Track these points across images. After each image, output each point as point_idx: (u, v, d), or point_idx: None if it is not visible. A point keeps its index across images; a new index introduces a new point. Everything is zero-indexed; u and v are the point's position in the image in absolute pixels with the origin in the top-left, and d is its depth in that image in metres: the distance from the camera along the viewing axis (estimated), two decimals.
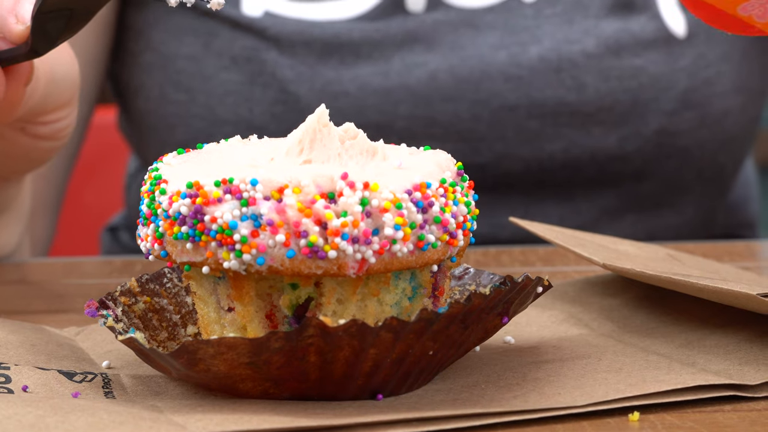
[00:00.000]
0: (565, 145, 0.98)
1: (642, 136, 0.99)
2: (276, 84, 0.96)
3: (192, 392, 0.57)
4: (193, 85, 0.98)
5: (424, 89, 0.97)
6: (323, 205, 0.53)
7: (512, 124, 0.97)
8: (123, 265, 0.85)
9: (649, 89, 0.99)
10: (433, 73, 0.96)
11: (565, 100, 0.97)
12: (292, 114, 0.96)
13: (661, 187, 1.03)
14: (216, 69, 0.98)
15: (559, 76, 0.97)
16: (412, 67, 0.97)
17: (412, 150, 0.59)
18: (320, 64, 0.96)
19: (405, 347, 0.54)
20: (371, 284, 0.55)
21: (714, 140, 1.02)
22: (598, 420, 0.54)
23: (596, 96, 0.98)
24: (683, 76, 0.99)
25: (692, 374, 0.57)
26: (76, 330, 0.66)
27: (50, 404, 0.53)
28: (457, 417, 0.53)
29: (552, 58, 0.97)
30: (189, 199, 0.54)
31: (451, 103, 0.97)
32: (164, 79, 0.99)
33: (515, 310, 0.58)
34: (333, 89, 0.96)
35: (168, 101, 0.99)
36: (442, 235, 0.55)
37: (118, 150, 1.32)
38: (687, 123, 1.00)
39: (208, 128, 0.98)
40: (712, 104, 1.01)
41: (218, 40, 0.98)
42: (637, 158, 1.00)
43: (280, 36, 0.97)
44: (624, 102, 0.98)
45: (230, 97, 0.97)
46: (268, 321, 0.56)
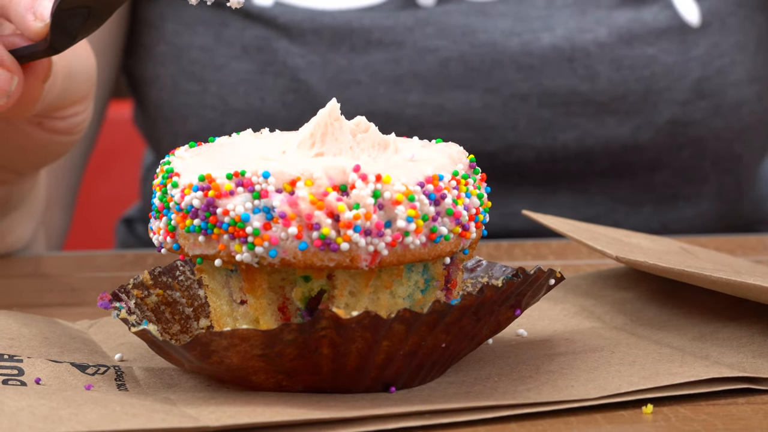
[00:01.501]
0: (578, 135, 0.98)
1: (655, 126, 0.99)
2: (287, 73, 0.96)
3: (205, 385, 0.57)
4: (206, 75, 0.98)
5: (435, 77, 0.96)
6: (336, 197, 0.53)
7: (524, 113, 0.97)
8: (135, 259, 0.85)
9: (661, 78, 0.98)
10: (444, 61, 0.96)
11: (577, 90, 0.97)
12: (304, 102, 0.96)
13: (676, 178, 1.02)
14: (227, 59, 0.98)
15: (572, 65, 0.97)
16: (424, 53, 0.96)
17: (424, 143, 0.59)
18: (331, 51, 0.96)
19: (418, 339, 0.54)
20: (384, 276, 0.55)
21: (729, 130, 1.01)
22: (612, 412, 0.54)
23: (609, 85, 0.97)
24: (696, 65, 0.99)
25: (706, 367, 0.57)
26: (89, 323, 0.67)
27: (63, 396, 0.53)
28: (470, 410, 0.53)
29: (564, 46, 0.96)
30: (201, 192, 0.54)
31: (462, 91, 0.97)
32: (177, 70, 0.99)
33: (528, 303, 0.58)
34: (344, 77, 0.96)
35: (181, 92, 0.99)
36: (455, 228, 0.55)
37: (133, 143, 1.33)
38: (701, 113, 1.00)
39: (220, 118, 0.98)
40: (726, 94, 1.00)
41: (229, 30, 0.98)
42: (651, 148, 0.99)
43: (291, 24, 0.97)
44: (637, 91, 0.98)
45: (242, 87, 0.97)
46: (280, 314, 0.56)
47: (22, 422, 0.50)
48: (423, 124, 0.96)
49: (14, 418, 0.50)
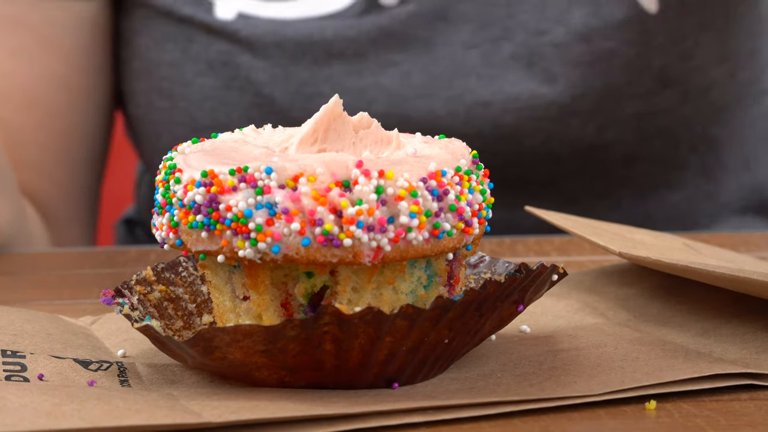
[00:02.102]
0: (544, 139, 0.97)
1: (619, 122, 0.98)
2: (251, 88, 0.96)
3: (208, 381, 0.57)
4: (175, 91, 0.98)
5: (397, 87, 0.96)
6: (338, 193, 0.53)
7: (488, 119, 0.96)
8: (138, 255, 0.85)
9: (621, 73, 0.97)
10: (406, 73, 0.96)
11: (537, 93, 0.96)
12: (269, 117, 0.95)
13: (654, 168, 1.01)
14: (194, 75, 0.97)
15: (531, 70, 0.96)
16: (387, 65, 0.96)
17: (426, 138, 0.59)
18: (293, 64, 0.96)
19: (420, 335, 0.54)
20: (386, 272, 0.55)
21: (700, 115, 1.00)
22: (615, 408, 0.54)
23: (568, 86, 0.96)
24: (657, 54, 0.97)
25: (709, 363, 0.57)
26: (92, 319, 0.67)
27: (66, 392, 0.53)
28: (473, 405, 0.53)
29: (523, 53, 0.96)
30: (204, 188, 0.54)
31: (426, 100, 0.97)
32: (150, 86, 0.99)
33: (530, 298, 0.58)
34: (307, 90, 0.96)
35: (153, 108, 0.99)
36: (458, 223, 0.55)
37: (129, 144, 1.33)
38: (666, 102, 0.99)
39: (190, 134, 0.97)
40: (692, 78, 0.99)
41: (195, 46, 0.97)
42: (620, 144, 0.99)
43: (252, 38, 0.96)
44: (596, 89, 0.97)
45: (208, 103, 0.97)
46: (283, 309, 0.56)
47: (25, 418, 0.50)
48: None
49: (17, 414, 0.50)
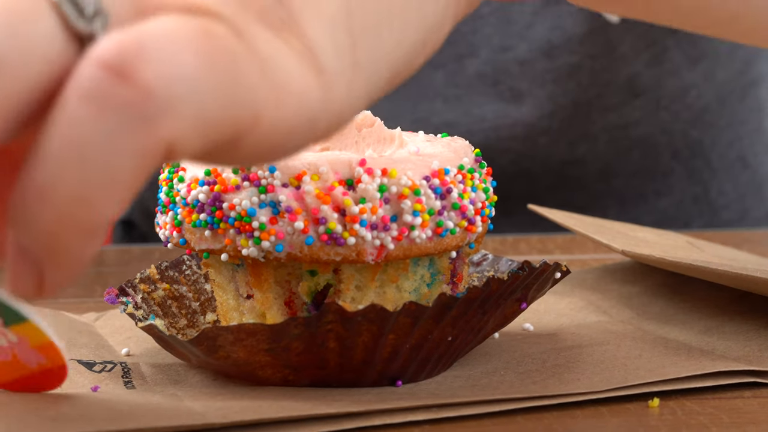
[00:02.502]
0: (513, 158, 0.96)
1: (591, 137, 0.96)
2: None
3: (211, 380, 0.57)
4: None
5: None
6: (342, 191, 0.53)
7: None
8: (142, 253, 0.85)
9: (588, 87, 0.95)
10: None
11: (504, 113, 0.95)
12: None
13: (635, 179, 1.00)
14: None
15: (496, 88, 0.95)
16: None
17: (429, 137, 0.59)
18: None
19: (424, 333, 0.54)
20: (390, 271, 0.55)
21: (679, 120, 0.99)
22: (618, 406, 0.54)
23: (534, 103, 0.95)
24: (624, 64, 0.96)
25: (712, 361, 0.57)
26: (95, 315, 0.67)
27: (69, 401, 0.53)
28: (476, 403, 0.53)
29: (488, 71, 0.95)
30: (207, 187, 0.55)
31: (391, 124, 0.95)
32: None
33: (533, 296, 0.58)
34: None
35: None
36: (461, 222, 0.55)
37: None
38: (639, 111, 0.97)
39: None
40: (664, 84, 0.97)
41: None
42: (594, 159, 0.97)
43: None
44: (564, 105, 0.95)
45: None
46: (287, 308, 0.56)
47: (30, 424, 0.50)
48: None
49: (21, 421, 0.50)
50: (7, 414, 0.51)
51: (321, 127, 0.43)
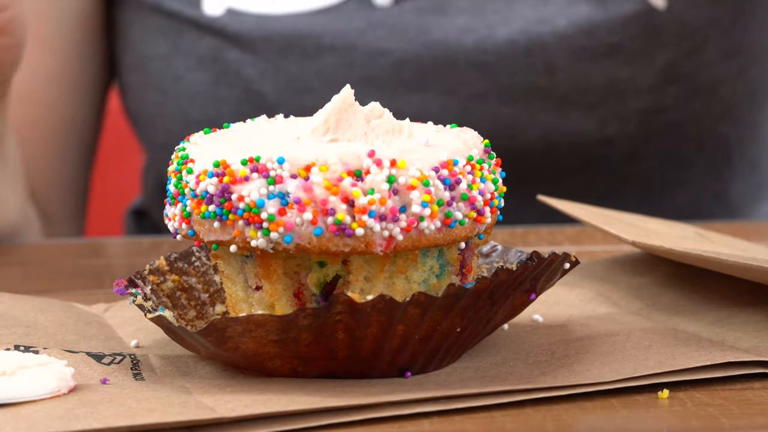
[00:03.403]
0: (542, 133, 0.95)
1: (622, 118, 0.96)
2: (240, 83, 0.95)
3: (221, 371, 0.57)
4: (167, 86, 0.97)
5: (389, 80, 0.94)
6: (350, 182, 0.53)
7: (483, 113, 0.95)
8: (151, 245, 0.85)
9: (624, 67, 0.95)
10: (397, 63, 0.94)
11: (536, 85, 0.95)
12: (259, 112, 0.94)
13: (660, 165, 0.99)
14: (184, 70, 0.97)
15: (529, 59, 0.94)
16: (376, 56, 0.94)
17: (438, 128, 0.59)
18: (282, 59, 0.95)
19: (433, 323, 0.54)
20: (399, 262, 0.55)
21: (708, 112, 0.99)
22: (627, 397, 0.54)
23: (568, 78, 0.95)
24: (664, 50, 0.96)
25: (722, 351, 0.57)
26: (105, 306, 0.67)
27: (78, 397, 0.53)
28: (485, 394, 0.53)
29: (521, 40, 0.94)
30: (216, 178, 0.55)
31: (418, 94, 0.94)
32: (143, 80, 0.98)
33: (543, 287, 0.58)
34: (296, 85, 0.94)
35: (147, 102, 0.99)
36: (470, 212, 0.55)
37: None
38: (673, 98, 0.97)
39: (181, 130, 0.96)
40: (701, 75, 0.97)
41: (184, 40, 0.97)
42: (623, 140, 0.97)
43: (240, 34, 0.95)
44: (598, 82, 0.95)
45: (198, 98, 0.96)
46: (295, 299, 0.56)
47: (39, 421, 0.50)
48: None
49: (30, 419, 0.50)
50: (16, 412, 0.51)
51: None
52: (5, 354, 0.55)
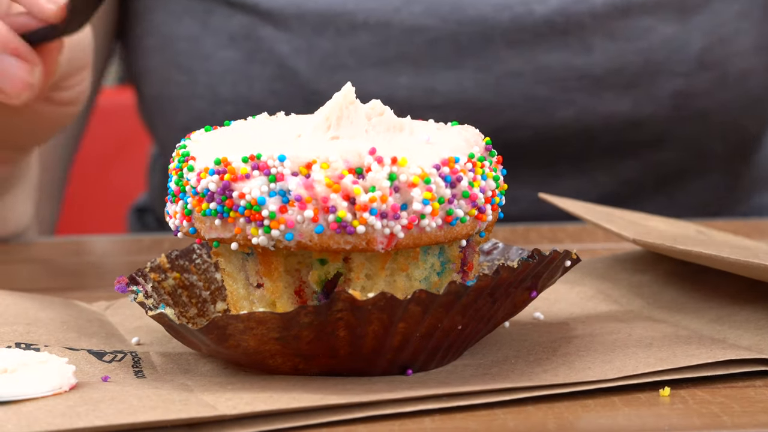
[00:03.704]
0: (576, 112, 0.95)
1: (656, 100, 0.97)
2: (274, 60, 0.95)
3: (222, 369, 0.57)
4: (194, 65, 0.97)
5: (424, 58, 0.94)
6: (351, 180, 0.53)
7: (518, 91, 0.95)
8: (152, 243, 0.85)
9: (661, 50, 0.96)
10: (433, 40, 0.94)
11: (572, 64, 0.95)
12: (292, 89, 0.94)
13: (683, 154, 1.00)
14: (214, 48, 0.97)
15: (566, 38, 0.95)
16: (412, 34, 0.95)
17: (439, 125, 0.59)
18: (316, 36, 0.95)
19: (434, 321, 0.54)
20: (400, 259, 0.55)
21: (736, 102, 0.99)
22: (629, 395, 0.54)
23: (605, 58, 0.95)
24: (698, 35, 0.96)
25: (723, 349, 0.57)
26: (106, 304, 0.67)
27: (79, 394, 0.53)
28: (486, 392, 0.53)
29: (558, 20, 0.94)
30: (217, 176, 0.54)
31: (453, 71, 0.95)
32: (166, 61, 0.98)
33: (544, 285, 0.58)
34: (331, 62, 0.94)
35: (171, 83, 0.98)
36: (471, 210, 0.55)
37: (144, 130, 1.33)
38: (705, 84, 0.97)
39: (210, 108, 0.96)
40: (731, 64, 0.98)
41: (215, 19, 0.97)
42: (653, 123, 0.97)
43: (273, 10, 0.95)
44: (634, 64, 0.95)
45: (229, 76, 0.96)
46: (297, 297, 0.56)
47: (40, 419, 0.50)
48: (414, 107, 0.94)
49: (31, 416, 0.50)
50: (17, 410, 0.51)
51: None
52: (6, 352, 0.55)
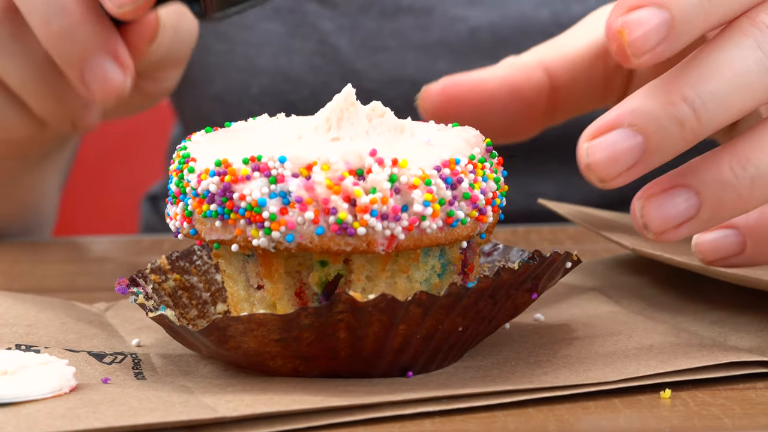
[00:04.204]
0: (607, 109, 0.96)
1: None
2: (316, 35, 0.95)
3: (222, 370, 0.57)
4: (234, 35, 0.98)
5: (463, 46, 0.95)
6: (352, 181, 0.53)
7: None
8: (152, 244, 0.85)
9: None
10: (473, 30, 0.95)
11: None
12: (331, 66, 0.95)
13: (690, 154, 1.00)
14: (257, 19, 0.97)
15: None
16: (454, 22, 0.95)
17: (440, 126, 0.59)
18: (361, 15, 0.95)
19: (434, 323, 0.54)
20: (400, 261, 0.55)
21: None
22: (630, 397, 0.54)
23: None
24: None
25: (724, 351, 0.57)
26: (106, 305, 0.67)
27: (79, 396, 0.53)
28: (487, 394, 0.53)
29: None
30: (217, 177, 0.54)
31: (491, 62, 0.95)
32: (206, 30, 0.99)
33: (544, 286, 0.58)
34: (372, 43, 0.95)
35: (209, 52, 0.99)
36: (472, 212, 0.55)
37: (161, 122, 1.33)
38: None
39: (247, 79, 0.97)
40: None
41: None
42: None
43: None
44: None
45: (270, 48, 0.96)
46: (297, 298, 0.56)
47: (40, 421, 0.50)
48: None
49: (30, 418, 0.50)
50: (17, 412, 0.51)
51: None
52: (6, 353, 0.55)
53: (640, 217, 0.55)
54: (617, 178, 0.54)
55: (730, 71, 0.53)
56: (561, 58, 0.66)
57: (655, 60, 0.53)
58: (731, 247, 0.59)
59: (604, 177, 0.54)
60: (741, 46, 0.54)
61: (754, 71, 0.53)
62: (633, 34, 0.53)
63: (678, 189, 0.54)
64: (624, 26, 0.53)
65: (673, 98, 0.53)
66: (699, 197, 0.54)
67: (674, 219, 0.54)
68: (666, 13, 0.53)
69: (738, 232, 0.58)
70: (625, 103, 0.54)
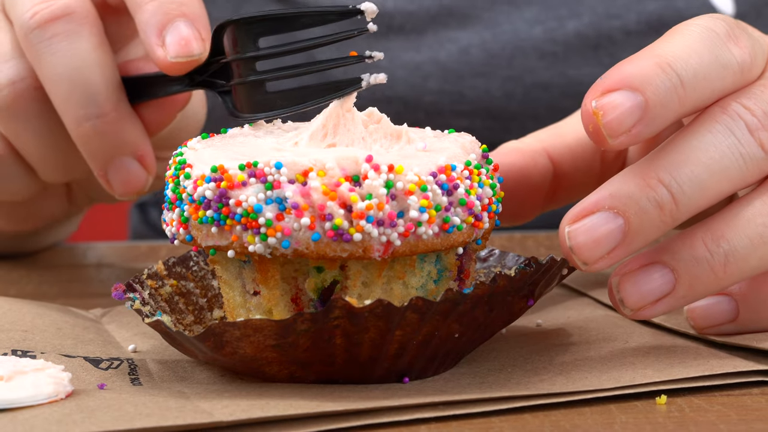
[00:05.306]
0: None
1: None
2: (307, 53, 0.96)
3: (218, 376, 0.57)
4: None
5: (454, 64, 0.95)
6: (348, 187, 0.53)
7: (545, 102, 0.95)
8: (149, 250, 0.85)
9: None
10: (464, 48, 0.95)
11: None
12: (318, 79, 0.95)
13: None
14: None
15: (597, 53, 0.95)
16: (444, 42, 0.95)
17: (436, 133, 0.59)
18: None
19: (431, 329, 0.54)
20: (397, 267, 0.55)
21: None
22: (626, 403, 0.54)
23: None
24: None
25: (720, 360, 0.57)
26: (102, 311, 0.67)
27: (75, 402, 0.53)
28: (483, 401, 0.53)
29: (590, 34, 0.95)
30: (214, 183, 0.54)
31: (482, 79, 0.95)
32: None
33: (540, 292, 0.58)
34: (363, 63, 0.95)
35: None
36: (468, 218, 0.55)
37: None
38: None
39: None
40: None
41: (249, 6, 0.97)
42: None
43: (308, 2, 0.96)
44: None
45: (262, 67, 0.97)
46: (293, 304, 0.56)
47: (36, 426, 0.50)
48: (441, 112, 0.95)
49: (27, 424, 0.50)
50: (13, 417, 0.51)
51: None
52: (2, 359, 0.55)
53: (617, 293, 0.56)
54: (600, 260, 0.55)
55: (705, 156, 0.55)
56: (563, 145, 0.66)
57: (632, 142, 0.55)
58: (724, 314, 0.59)
59: (587, 259, 0.55)
60: (714, 132, 0.55)
61: (728, 156, 0.55)
62: (608, 117, 0.54)
63: (654, 266, 0.56)
64: (599, 108, 0.54)
65: (650, 181, 0.54)
66: (674, 274, 0.55)
67: (650, 295, 0.55)
68: (639, 96, 0.54)
69: (731, 299, 0.58)
70: (605, 187, 0.55)
